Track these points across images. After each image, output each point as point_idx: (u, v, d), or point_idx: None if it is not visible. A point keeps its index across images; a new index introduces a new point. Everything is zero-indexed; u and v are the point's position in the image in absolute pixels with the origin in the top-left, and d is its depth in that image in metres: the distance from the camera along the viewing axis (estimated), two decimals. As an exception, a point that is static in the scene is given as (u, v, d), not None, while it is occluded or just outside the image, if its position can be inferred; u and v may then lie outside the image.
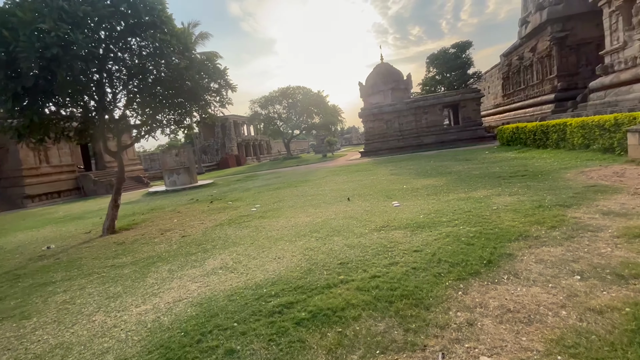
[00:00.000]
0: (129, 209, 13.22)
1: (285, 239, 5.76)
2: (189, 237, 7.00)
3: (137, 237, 7.70)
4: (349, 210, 7.55)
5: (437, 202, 6.98)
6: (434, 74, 41.05)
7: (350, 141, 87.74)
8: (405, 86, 32.08)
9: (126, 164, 29.01)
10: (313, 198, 9.96)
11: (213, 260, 5.12)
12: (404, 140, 29.77)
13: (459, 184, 8.88)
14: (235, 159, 48.32)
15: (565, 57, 25.03)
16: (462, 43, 38.58)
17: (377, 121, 30.48)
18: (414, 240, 4.67)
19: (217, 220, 8.60)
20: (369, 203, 8.05)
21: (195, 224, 8.47)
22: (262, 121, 42.59)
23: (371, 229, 5.60)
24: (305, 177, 16.95)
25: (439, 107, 29.51)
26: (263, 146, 66.67)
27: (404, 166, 15.97)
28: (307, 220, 7.02)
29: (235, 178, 23.38)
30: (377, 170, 15.87)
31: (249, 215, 8.62)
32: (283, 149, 60.90)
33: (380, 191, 9.54)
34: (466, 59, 38.06)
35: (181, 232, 7.72)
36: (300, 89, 41.05)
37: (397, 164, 17.81)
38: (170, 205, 12.85)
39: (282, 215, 8.03)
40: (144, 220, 9.99)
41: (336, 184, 12.78)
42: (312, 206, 8.68)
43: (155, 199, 15.95)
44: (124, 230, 8.92)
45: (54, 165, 23.04)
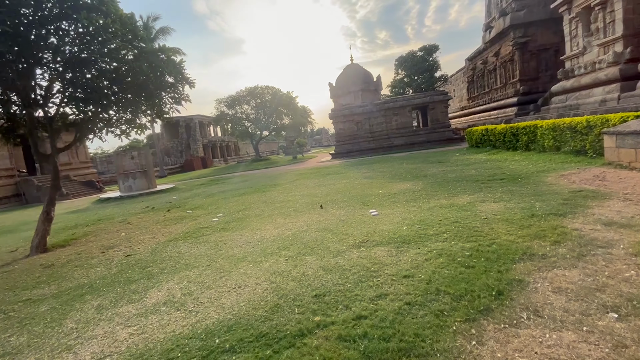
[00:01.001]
0: (71, 220, 11.64)
1: (248, 259, 4.86)
2: (135, 257, 5.90)
3: (72, 258, 6.45)
4: (322, 220, 6.77)
5: (419, 210, 6.36)
6: (402, 76, 41.43)
7: (320, 142, 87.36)
8: (376, 87, 31.95)
9: (77, 167, 26.54)
10: (282, 205, 9.09)
11: (157, 291, 4.13)
12: (375, 142, 29.56)
13: (438, 188, 8.39)
14: (201, 161, 46.16)
15: (527, 62, 25.86)
16: (429, 46, 39.23)
17: (347, 122, 30.05)
18: (401, 260, 3.96)
19: (171, 233, 7.50)
20: (344, 211, 7.31)
21: (146, 238, 7.33)
22: (229, 122, 40.88)
23: (349, 245, 4.84)
24: (274, 181, 16.01)
25: (408, 109, 29.59)
26: (231, 147, 64.53)
27: (376, 169, 15.47)
28: (275, 234, 6.16)
29: (199, 182, 21.91)
30: (350, 173, 15.25)
31: (209, 227, 7.60)
32: (252, 151, 59.25)
33: (355, 197, 8.86)
34: (433, 62, 38.71)
35: (127, 249, 6.57)
36: (269, 88, 39.84)
37: (370, 166, 17.32)
38: (121, 214, 11.44)
39: (247, 226, 7.10)
40: (86, 234, 8.64)
41: (307, 188, 11.97)
42: (281, 215, 7.82)
43: (105, 207, 14.33)
44: (58, 247, 7.58)
45: (-12, 170, 20.39)
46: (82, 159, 27.40)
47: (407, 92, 41.10)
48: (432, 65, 38.60)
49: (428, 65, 38.37)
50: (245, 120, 40.83)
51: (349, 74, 31.69)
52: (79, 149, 26.84)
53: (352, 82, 31.16)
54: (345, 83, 31.51)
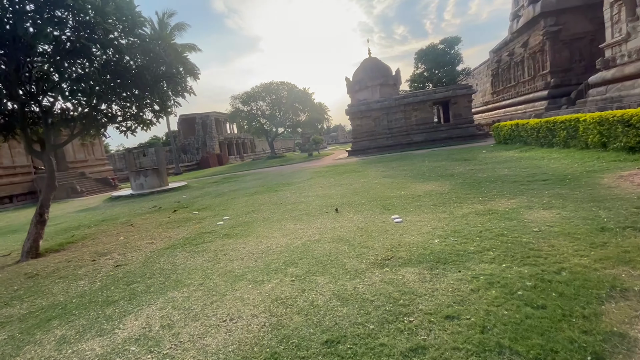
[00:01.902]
0: (76, 220, 11.21)
1: (248, 277, 4.06)
2: (124, 268, 5.21)
3: (60, 266, 5.84)
4: (337, 227, 5.91)
5: (451, 218, 5.41)
6: (422, 70, 39.88)
7: (337, 140, 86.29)
8: (394, 82, 30.70)
9: (93, 165, 26.61)
10: (294, 208, 8.28)
11: (134, 320, 3.38)
12: (393, 139, 28.39)
13: (469, 190, 7.37)
14: (216, 158, 46.06)
15: (559, 52, 24.09)
16: (450, 39, 37.51)
17: (365, 118, 28.99)
18: (438, 289, 3.06)
19: (171, 238, 6.81)
20: (363, 216, 6.42)
21: (143, 244, 6.66)
22: (244, 118, 40.46)
23: (370, 263, 3.96)
24: (288, 179, 15.23)
25: (429, 104, 28.24)
26: (247, 145, 64.40)
27: (396, 167, 14.46)
28: (283, 243, 5.34)
29: (212, 180, 21.43)
30: (367, 171, 14.30)
31: (213, 231, 6.87)
32: (268, 148, 58.90)
33: (374, 199, 7.94)
34: (455, 54, 36.99)
35: (119, 257, 5.91)
36: (284, 84, 39.13)
37: (388, 164, 16.30)
38: (127, 214, 10.92)
39: (252, 233, 6.32)
40: (84, 237, 8.09)
41: (322, 188, 11.12)
42: (292, 219, 7.00)
43: (114, 206, 13.92)
44: (52, 252, 7.02)
45: (5, 167, 20.49)
46: (98, 156, 27.49)
47: (427, 86, 39.54)
48: (453, 58, 36.91)
49: (449, 58, 36.70)
50: (260, 116, 40.31)
51: (367, 68, 30.55)
52: (95, 146, 26.92)
53: (370, 76, 30.02)
54: (362, 78, 30.40)
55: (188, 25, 34.76)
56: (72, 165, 24.95)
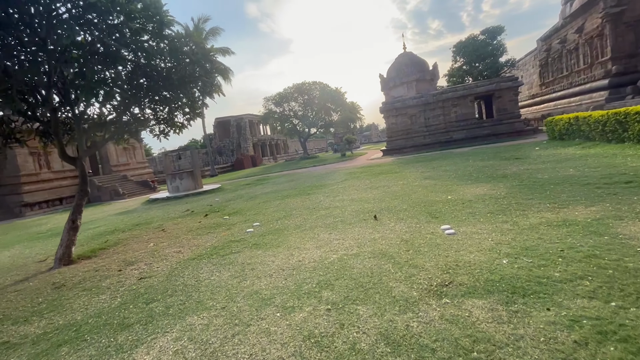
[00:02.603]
0: (113, 224, 11.35)
1: (276, 302, 3.48)
2: (148, 281, 4.85)
3: (87, 276, 5.64)
4: (377, 237, 5.20)
5: (517, 230, 4.51)
6: (461, 64, 37.74)
7: (370, 139, 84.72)
8: (432, 77, 29.19)
9: (134, 168, 27.69)
10: (328, 213, 7.66)
11: (145, 353, 2.90)
12: (431, 137, 26.96)
13: (531, 194, 6.34)
14: (250, 159, 46.66)
15: (622, 36, 21.55)
16: (492, 28, 35.09)
17: (400, 116, 27.80)
18: (523, 336, 2.28)
19: (199, 247, 6.44)
20: (406, 225, 5.66)
21: (171, 252, 6.35)
22: (276, 120, 40.55)
23: (423, 289, 3.23)
24: (321, 181, 14.66)
25: (470, 99, 26.50)
26: (280, 145, 64.91)
27: (437, 167, 13.40)
28: (317, 257, 4.72)
29: (245, 181, 21.40)
30: (406, 172, 13.37)
31: (242, 240, 6.41)
32: (300, 148, 58.90)
33: (417, 204, 7.12)
34: (498, 45, 34.54)
35: (146, 267, 5.61)
36: (316, 84, 38.70)
37: (428, 164, 15.22)
38: (160, 218, 10.87)
39: (283, 242, 5.77)
40: (117, 243, 7.99)
41: (357, 191, 10.41)
42: (326, 227, 6.38)
43: (150, 209, 14.09)
44: (84, 258, 6.92)
45: (56, 171, 21.76)
46: (139, 159, 28.61)
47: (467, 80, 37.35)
48: (496, 49, 34.48)
49: (491, 49, 34.33)
50: (292, 117, 40.20)
51: (402, 63, 29.30)
52: (136, 150, 28.06)
53: (405, 72, 28.76)
54: (397, 74, 29.20)
55: (222, 30, 35.42)
56: (115, 169, 26.12)
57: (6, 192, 20.03)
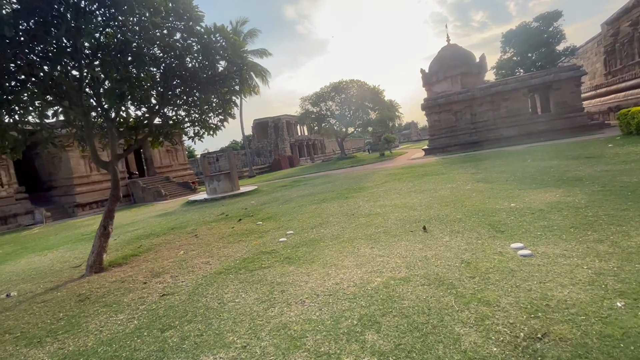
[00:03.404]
0: (150, 226, 11.36)
1: (308, 345, 2.78)
2: (169, 300, 4.39)
3: (112, 287, 5.34)
4: (430, 256, 4.34)
5: (619, 253, 3.45)
6: (511, 54, 34.91)
7: (409, 137, 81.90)
8: (479, 70, 27.13)
9: (176, 170, 28.57)
10: (368, 222, 6.86)
11: (145, 410, 2.34)
12: (478, 134, 25.01)
13: (623, 204, 5.11)
14: (288, 160, 46.77)
15: None
16: (548, 14, 31.99)
17: (443, 113, 26.11)
18: None
19: (228, 257, 5.95)
20: (464, 240, 4.73)
21: (199, 263, 5.92)
22: (313, 120, 40.15)
23: (505, 343, 2.37)
24: (359, 183, 13.83)
25: (523, 92, 24.20)
26: (317, 146, 64.69)
27: (489, 167, 12.04)
28: (357, 279, 3.98)
29: (282, 183, 21.10)
30: (453, 173, 12.16)
31: (273, 251, 5.83)
32: (337, 148, 58.20)
33: (474, 213, 6.11)
34: (554, 32, 31.42)
35: (171, 280, 5.19)
36: (353, 82, 37.72)
37: (478, 164, 13.83)
38: (195, 222, 10.68)
39: (318, 257, 5.09)
40: (149, 249, 7.78)
41: (400, 195, 9.49)
42: (367, 239, 5.61)
43: (187, 211, 14.11)
44: (115, 266, 6.73)
45: (105, 173, 22.88)
46: (181, 161, 29.53)
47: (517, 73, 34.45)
48: (552, 37, 31.41)
49: (547, 37, 31.31)
50: (329, 117, 39.58)
51: (446, 56, 27.53)
52: (178, 152, 28.98)
53: (450, 65, 26.97)
54: (440, 67, 27.50)
55: (259, 31, 35.69)
56: (159, 170, 27.11)
57: (61, 193, 21.41)
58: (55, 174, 21.61)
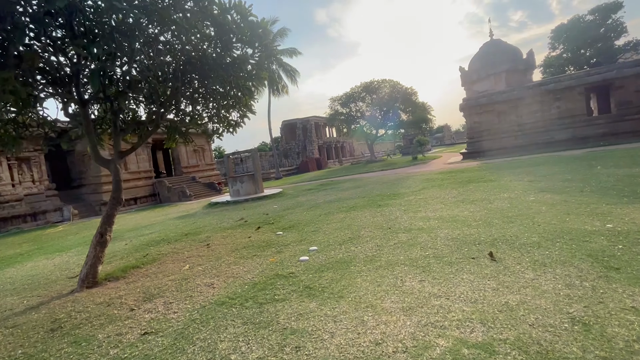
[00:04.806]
0: (165, 230, 10.57)
1: None
2: (148, 344, 3.31)
3: (95, 312, 4.36)
4: (513, 304, 2.97)
5: None
6: (560, 51, 31.92)
7: (442, 141, 78.50)
8: (526, 67, 24.75)
9: (202, 170, 28.30)
10: (410, 239, 5.52)
11: None
12: (525, 137, 22.70)
13: None
14: (315, 162, 45.77)
15: None
16: (605, 6, 28.83)
17: (485, 114, 24.00)
18: None
19: (236, 279, 4.84)
20: (561, 281, 3.30)
21: (201, 285, 4.85)
22: (342, 121, 38.88)
23: None
24: (393, 189, 12.41)
25: (578, 91, 21.67)
26: (345, 148, 63.33)
27: (549, 175, 10.25)
28: (408, 337, 2.68)
29: (308, 186, 20.00)
30: (504, 180, 10.47)
31: (292, 275, 4.64)
32: (367, 151, 56.55)
33: (557, 235, 4.61)
34: (613, 25, 28.24)
35: (163, 308, 4.14)
36: (386, 82, 36.08)
37: (531, 170, 12.00)
38: (212, 228, 9.74)
39: (348, 289, 3.84)
40: (154, 260, 6.87)
41: (444, 204, 8.03)
42: (411, 266, 4.29)
43: (208, 214, 13.30)
44: (111, 280, 5.83)
45: (132, 172, 22.89)
46: (208, 161, 29.27)
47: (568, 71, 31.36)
48: (611, 31, 28.25)
49: (605, 31, 28.21)
50: (359, 118, 38.15)
51: (488, 53, 25.39)
52: (205, 152, 28.74)
53: (493, 62, 24.82)
54: (482, 65, 25.39)
55: (289, 30, 34.97)
56: (185, 170, 26.93)
57: (90, 191, 21.55)
58: (85, 171, 21.80)
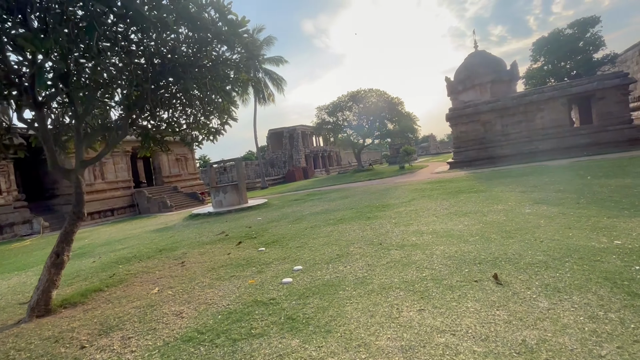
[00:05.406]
0: (139, 246, 9.80)
1: None
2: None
3: (40, 350, 3.69)
4: (532, 343, 2.50)
5: None
6: (542, 63, 32.69)
7: (428, 150, 79.38)
8: (510, 78, 25.08)
9: (185, 179, 27.36)
10: (404, 257, 5.04)
11: None
12: (510, 147, 22.84)
13: None
14: (302, 171, 45.26)
15: None
16: (584, 20, 29.78)
17: (471, 123, 24.10)
18: None
19: (209, 306, 4.24)
20: (581, 311, 2.86)
21: (169, 313, 4.22)
22: (329, 130, 38.61)
23: None
24: (382, 200, 12.00)
25: (561, 102, 22.01)
26: (333, 157, 63.10)
27: (541, 185, 10.02)
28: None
29: (294, 196, 19.43)
30: (495, 190, 10.19)
31: (272, 301, 4.08)
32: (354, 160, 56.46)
33: (564, 253, 4.22)
34: (592, 39, 29.11)
35: (117, 348, 3.51)
36: (372, 91, 36.12)
37: (521, 180, 11.80)
38: (189, 243, 9.06)
39: (337, 321, 3.31)
40: (121, 281, 6.17)
41: (437, 217, 7.62)
42: (407, 290, 3.80)
43: (187, 227, 12.56)
44: (67, 306, 5.12)
45: (109, 181, 21.83)
46: (191, 170, 28.33)
47: (549, 82, 32.11)
48: (590, 44, 29.10)
49: (584, 44, 29.04)
50: (346, 127, 37.98)
51: (473, 64, 25.66)
52: (188, 161, 27.82)
53: (478, 72, 25.07)
54: (468, 75, 25.61)
55: (275, 39, 34.74)
56: (166, 180, 25.95)
57: (63, 202, 20.38)
58: (59, 181, 20.65)
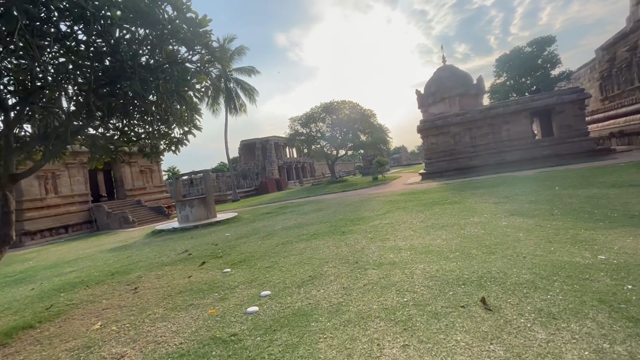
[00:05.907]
0: (89, 268, 8.79)
1: None
2: None
3: None
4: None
5: None
6: (504, 79, 34.30)
7: (400, 161, 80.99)
8: (477, 91, 25.97)
9: (150, 192, 25.86)
10: (383, 277, 4.62)
11: None
12: (479, 158, 23.44)
13: None
14: (275, 183, 44.49)
15: None
16: (541, 39, 31.65)
17: (441, 135, 24.58)
18: None
19: (158, 345, 3.58)
20: (584, 342, 2.53)
21: (110, 356, 3.52)
22: (303, 142, 38.30)
23: None
24: (357, 212, 11.64)
25: (524, 115, 22.95)
26: (306, 168, 62.77)
27: (512, 196, 10.05)
28: None
29: (266, 209, 18.74)
30: (469, 202, 10.11)
31: (233, 337, 3.49)
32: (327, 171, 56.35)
33: (551, 272, 3.95)
34: (549, 56, 30.94)
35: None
36: (345, 103, 36.32)
37: (493, 191, 11.87)
38: (146, 265, 8.20)
39: (309, 366, 2.79)
40: (59, 314, 5.31)
41: (414, 231, 7.32)
42: (388, 320, 3.35)
43: (148, 245, 11.57)
44: (-16, 351, 4.24)
45: (64, 196, 20.10)
46: (156, 182, 26.82)
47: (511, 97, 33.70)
48: (547, 62, 30.89)
49: (542, 61, 30.78)
50: (320, 138, 37.83)
51: (443, 77, 26.37)
52: (154, 173, 26.34)
53: (447, 86, 25.75)
54: (437, 88, 26.25)
55: (247, 49, 34.26)
56: (129, 193, 24.37)
57: (8, 219, 18.47)
58: (4, 196, 18.73)
